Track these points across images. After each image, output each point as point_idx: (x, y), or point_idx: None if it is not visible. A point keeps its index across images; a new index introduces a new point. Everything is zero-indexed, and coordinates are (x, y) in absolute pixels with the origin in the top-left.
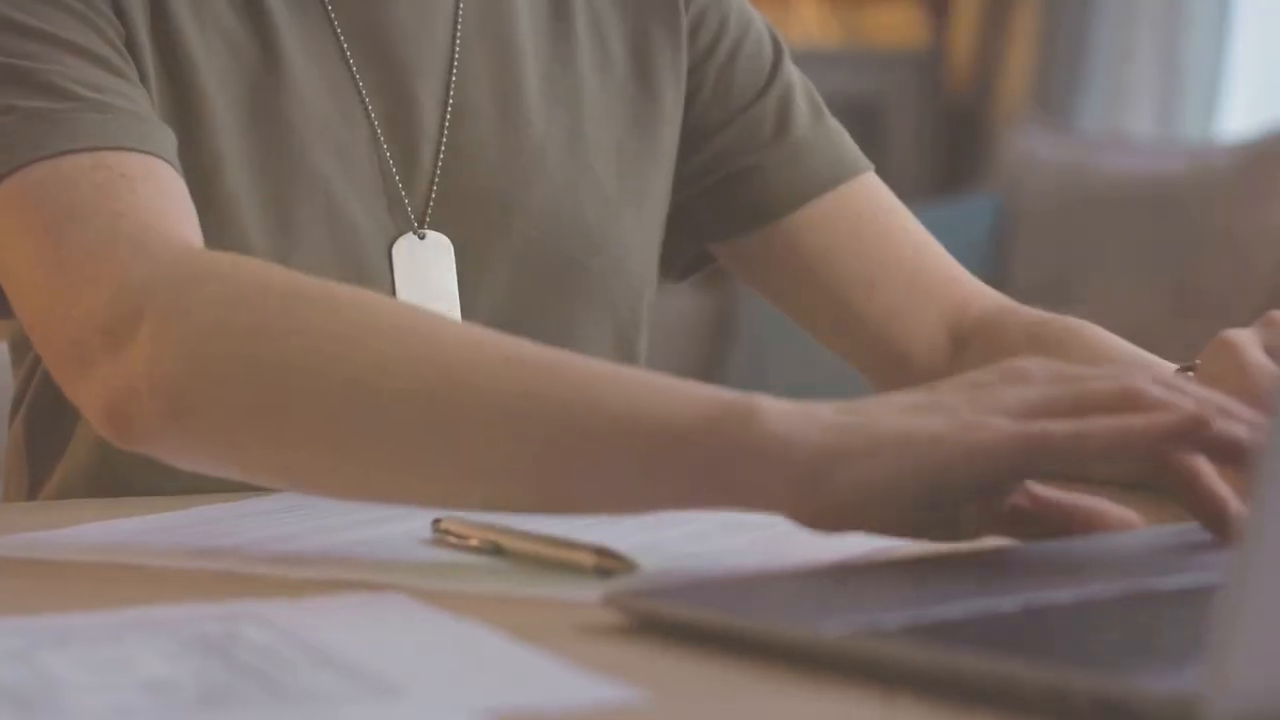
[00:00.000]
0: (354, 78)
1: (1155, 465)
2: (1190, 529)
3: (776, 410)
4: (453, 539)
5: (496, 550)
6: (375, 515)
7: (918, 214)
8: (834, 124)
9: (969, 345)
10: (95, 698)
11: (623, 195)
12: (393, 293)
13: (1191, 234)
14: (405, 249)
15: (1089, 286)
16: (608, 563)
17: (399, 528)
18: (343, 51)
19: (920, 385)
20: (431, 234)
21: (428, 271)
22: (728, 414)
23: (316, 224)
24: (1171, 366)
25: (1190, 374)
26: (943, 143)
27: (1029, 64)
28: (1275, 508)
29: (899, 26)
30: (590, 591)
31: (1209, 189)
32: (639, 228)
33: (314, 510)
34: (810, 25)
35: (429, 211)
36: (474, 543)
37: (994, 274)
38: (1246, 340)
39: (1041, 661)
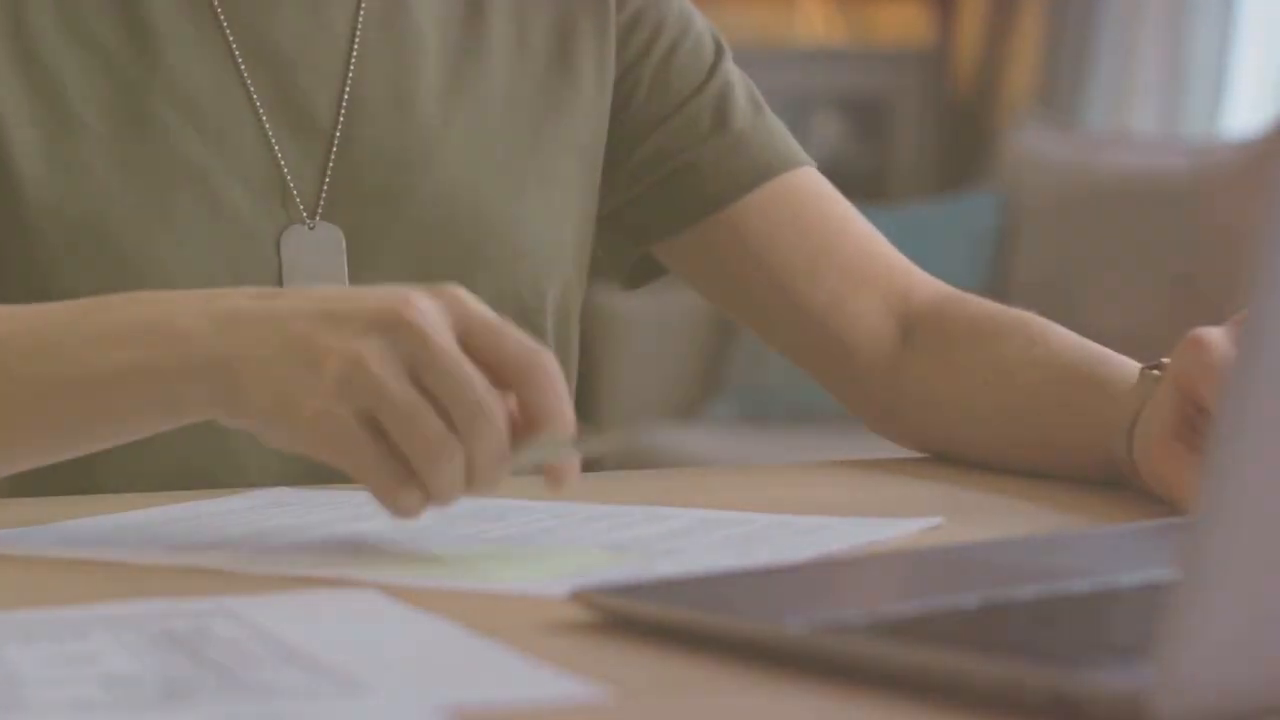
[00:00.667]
0: (239, 72)
1: None
2: (1162, 525)
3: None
4: None
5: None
6: (353, 513)
7: (921, 211)
8: (775, 121)
9: (914, 335)
10: (55, 692)
11: (531, 182)
12: (279, 283)
13: (1195, 231)
14: (294, 240)
15: (1091, 284)
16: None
17: (377, 525)
18: (229, 47)
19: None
20: (322, 224)
21: (317, 262)
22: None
23: (197, 219)
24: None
25: (1157, 372)
26: (947, 140)
27: (1034, 62)
28: (1224, 505)
29: (905, 25)
30: (560, 588)
31: (1212, 186)
32: (547, 214)
33: (290, 508)
34: (816, 23)
35: (321, 203)
36: None
37: (996, 271)
38: (1216, 338)
39: (998, 657)
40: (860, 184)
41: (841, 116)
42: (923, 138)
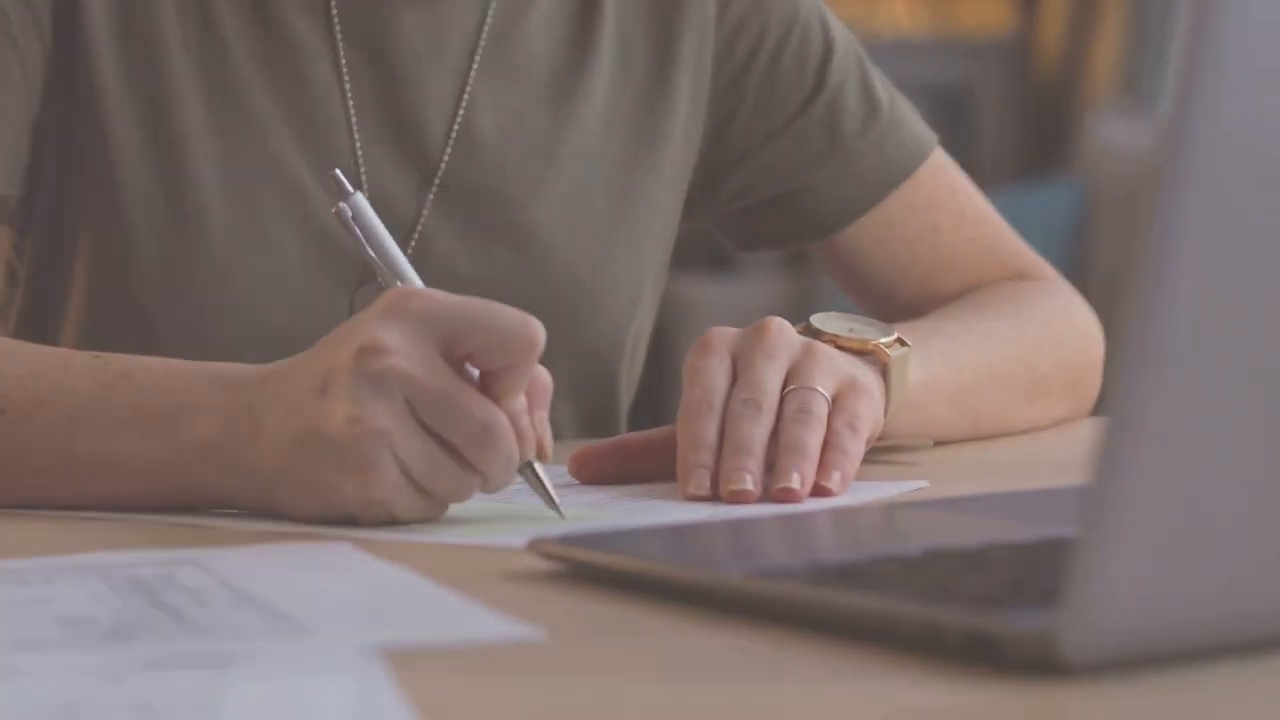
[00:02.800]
0: (342, 85)
1: None
2: None
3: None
4: None
5: None
6: None
7: (1002, 199)
8: (888, 117)
9: None
10: (9, 631)
11: (623, 222)
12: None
13: None
14: (366, 298)
15: None
16: None
17: None
18: (337, 57)
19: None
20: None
21: None
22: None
23: (287, 228)
24: None
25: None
26: (1029, 129)
27: (1116, 51)
28: (1126, 450)
29: (987, 15)
30: (520, 540)
31: None
32: (632, 255)
33: None
34: (899, 15)
35: (415, 235)
36: None
37: (1075, 258)
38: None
39: (920, 600)
40: None
41: (924, 107)
42: (1005, 127)
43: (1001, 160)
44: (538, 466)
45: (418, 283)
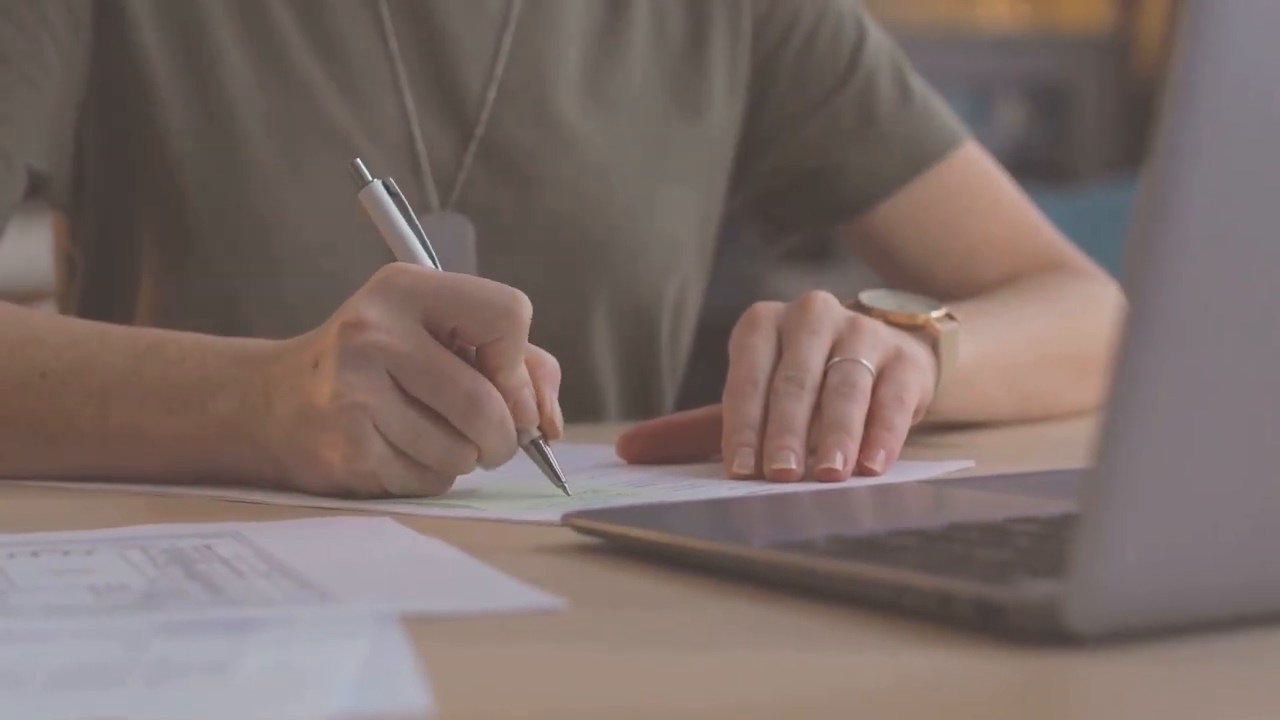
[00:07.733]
0: (387, 42)
1: None
2: None
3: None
4: None
5: None
6: None
7: (1103, 194)
8: (922, 104)
9: None
10: (41, 598)
11: (658, 179)
12: None
13: None
14: (425, 228)
15: None
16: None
17: None
18: (379, 15)
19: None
20: (453, 216)
21: (445, 255)
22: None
23: (333, 181)
24: None
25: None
26: (1130, 124)
27: None
28: (1129, 422)
29: (1087, 10)
30: (557, 515)
31: None
32: (671, 211)
33: None
34: (999, 10)
35: (457, 184)
36: None
37: None
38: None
39: (934, 571)
40: (1043, 169)
41: (1024, 102)
42: (1105, 122)
43: (1101, 155)
44: (544, 444)
45: (426, 263)
